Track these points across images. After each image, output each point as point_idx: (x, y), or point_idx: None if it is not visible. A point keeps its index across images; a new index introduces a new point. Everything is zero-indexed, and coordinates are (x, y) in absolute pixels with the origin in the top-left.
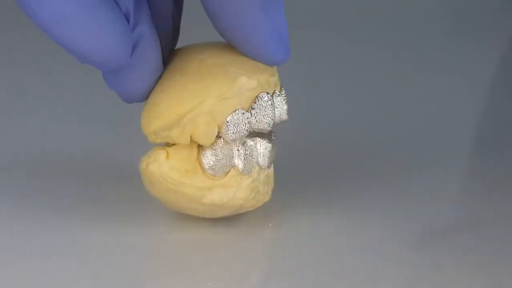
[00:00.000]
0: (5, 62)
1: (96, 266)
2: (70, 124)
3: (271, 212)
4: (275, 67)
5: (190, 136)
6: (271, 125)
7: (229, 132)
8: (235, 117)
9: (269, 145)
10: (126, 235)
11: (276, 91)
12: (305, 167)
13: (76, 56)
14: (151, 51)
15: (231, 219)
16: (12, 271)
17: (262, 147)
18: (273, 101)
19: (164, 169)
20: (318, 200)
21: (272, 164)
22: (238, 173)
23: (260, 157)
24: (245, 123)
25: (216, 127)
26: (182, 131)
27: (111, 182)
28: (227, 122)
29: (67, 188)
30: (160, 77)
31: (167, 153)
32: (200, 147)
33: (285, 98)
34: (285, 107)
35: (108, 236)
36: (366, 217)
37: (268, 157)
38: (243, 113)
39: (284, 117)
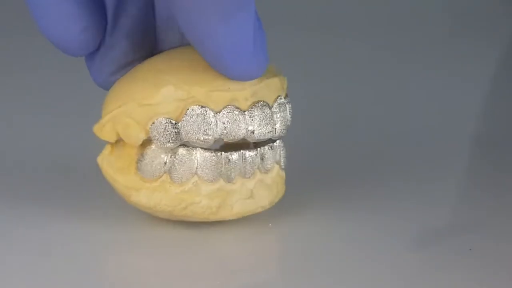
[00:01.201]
0: (5, 62)
1: (96, 265)
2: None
3: (270, 212)
4: (257, 81)
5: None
6: (208, 139)
7: (153, 138)
8: (157, 124)
9: (214, 158)
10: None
11: (257, 105)
12: (304, 167)
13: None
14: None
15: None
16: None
17: (201, 159)
18: (215, 117)
19: (104, 163)
20: (317, 200)
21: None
22: (169, 180)
23: (198, 168)
24: (169, 132)
25: (140, 130)
26: (111, 128)
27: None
28: (150, 128)
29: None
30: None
31: (111, 148)
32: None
33: (277, 113)
34: (277, 125)
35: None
36: (366, 217)
37: (211, 170)
38: (166, 122)
39: (274, 134)
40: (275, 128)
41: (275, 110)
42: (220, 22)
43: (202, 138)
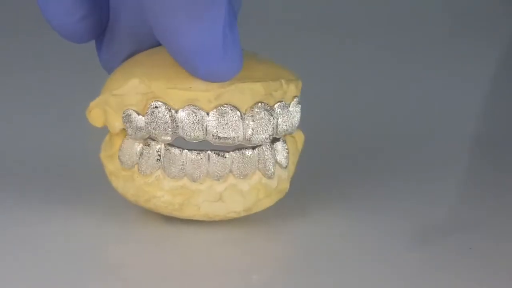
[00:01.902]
0: (4, 62)
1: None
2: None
3: (270, 211)
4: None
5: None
6: (166, 138)
7: (126, 128)
8: (126, 115)
9: (177, 154)
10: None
11: (221, 109)
12: (304, 167)
13: None
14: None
15: (230, 220)
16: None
17: (164, 153)
18: (173, 115)
19: (102, 149)
20: (317, 199)
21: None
22: (137, 171)
23: (161, 162)
24: (135, 124)
25: (116, 118)
26: (98, 113)
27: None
28: (123, 118)
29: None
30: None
31: (109, 136)
32: None
33: (259, 120)
34: (248, 131)
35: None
36: (366, 217)
37: (173, 166)
38: (133, 114)
39: (253, 138)
40: (245, 134)
41: (247, 115)
42: (187, 20)
43: (161, 135)
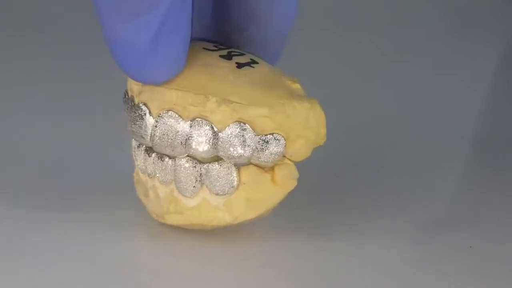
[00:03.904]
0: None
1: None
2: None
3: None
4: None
5: None
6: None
7: None
8: None
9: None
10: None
11: (134, 107)
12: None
13: None
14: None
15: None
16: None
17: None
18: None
19: None
20: (317, 199)
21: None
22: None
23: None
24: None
25: None
26: None
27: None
28: None
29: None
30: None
31: None
32: None
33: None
34: (155, 138)
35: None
36: (366, 215)
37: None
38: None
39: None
40: (146, 136)
41: (156, 120)
42: (119, 19)
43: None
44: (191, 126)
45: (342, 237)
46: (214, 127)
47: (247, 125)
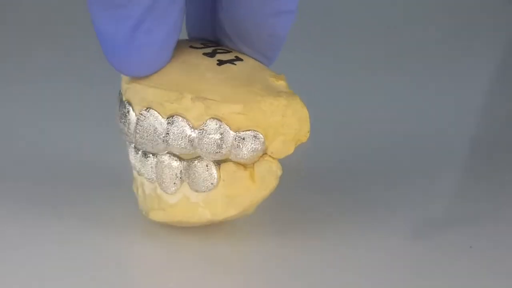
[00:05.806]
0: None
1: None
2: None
3: (266, 210)
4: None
5: None
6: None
7: None
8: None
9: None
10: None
11: (122, 103)
12: (304, 166)
13: None
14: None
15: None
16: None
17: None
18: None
19: None
20: (316, 198)
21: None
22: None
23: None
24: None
25: None
26: None
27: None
28: None
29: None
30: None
31: None
32: None
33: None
34: (136, 135)
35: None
36: (366, 214)
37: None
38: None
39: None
40: (130, 133)
41: (137, 117)
42: (102, 8)
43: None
44: (168, 123)
45: (341, 237)
46: (190, 124)
47: (222, 122)
